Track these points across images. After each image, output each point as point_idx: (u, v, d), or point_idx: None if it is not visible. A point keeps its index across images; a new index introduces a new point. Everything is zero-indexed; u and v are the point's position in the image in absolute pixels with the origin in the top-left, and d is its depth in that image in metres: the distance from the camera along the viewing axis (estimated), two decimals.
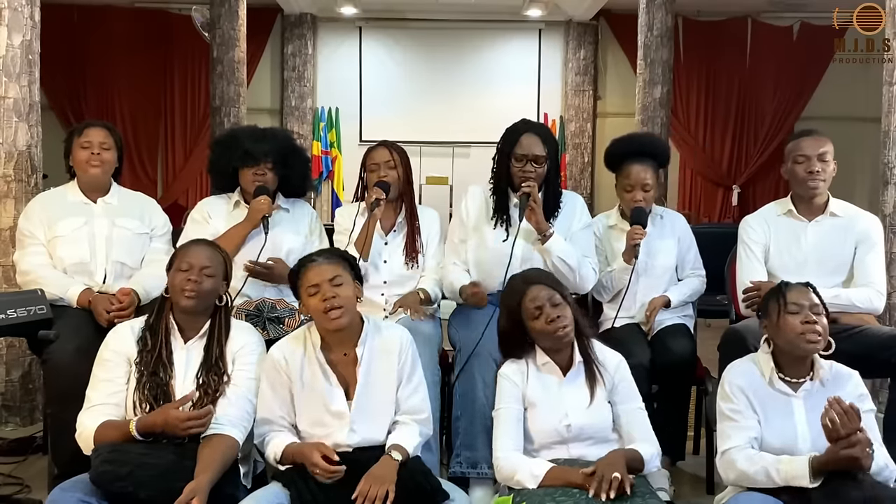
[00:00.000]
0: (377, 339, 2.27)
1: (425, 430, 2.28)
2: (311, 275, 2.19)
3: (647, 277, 2.99)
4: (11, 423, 3.60)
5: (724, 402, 2.21)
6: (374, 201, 2.86)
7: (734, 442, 2.13)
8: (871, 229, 2.84)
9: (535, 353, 2.33)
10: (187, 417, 2.06)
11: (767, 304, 2.25)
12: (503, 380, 2.32)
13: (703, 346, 3.02)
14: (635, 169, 3.01)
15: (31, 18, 3.56)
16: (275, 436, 2.20)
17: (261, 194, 2.92)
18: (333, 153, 9.44)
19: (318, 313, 2.17)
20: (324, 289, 2.16)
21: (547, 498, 2.03)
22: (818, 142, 2.81)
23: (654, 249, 3.01)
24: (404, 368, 2.27)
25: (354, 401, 2.21)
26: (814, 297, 2.20)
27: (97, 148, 2.91)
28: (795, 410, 2.17)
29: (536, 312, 2.27)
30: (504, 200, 2.90)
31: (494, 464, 2.23)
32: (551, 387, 2.29)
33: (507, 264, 2.76)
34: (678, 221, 3.15)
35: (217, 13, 7.35)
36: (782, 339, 2.18)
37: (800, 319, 2.15)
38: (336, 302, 2.15)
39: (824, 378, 2.20)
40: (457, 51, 9.47)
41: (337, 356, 2.24)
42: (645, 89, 7.19)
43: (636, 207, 2.98)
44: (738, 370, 2.25)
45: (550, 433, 2.24)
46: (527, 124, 2.92)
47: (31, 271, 2.82)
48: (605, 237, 3.11)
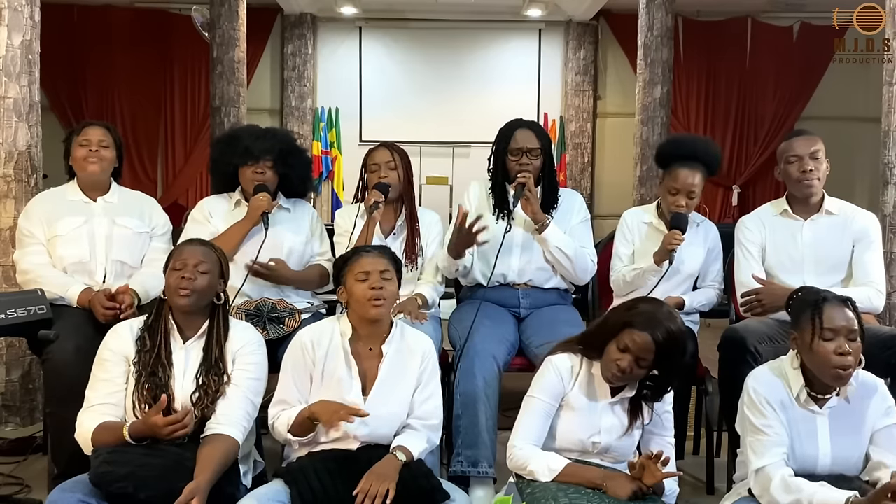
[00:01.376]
0: (404, 342, 2.32)
1: (433, 438, 2.30)
2: (365, 262, 2.25)
3: (668, 282, 2.95)
4: (11, 423, 3.60)
5: (753, 415, 2.11)
6: (373, 204, 2.86)
7: (769, 459, 2.04)
8: (869, 227, 2.83)
9: (595, 363, 2.22)
10: (165, 423, 2.05)
11: (800, 317, 2.12)
12: (551, 369, 2.23)
13: (703, 346, 3.02)
14: (683, 173, 2.95)
15: (31, 18, 3.56)
16: (287, 411, 2.22)
17: (260, 192, 2.92)
18: (333, 153, 9.44)
19: (361, 300, 2.22)
20: (374, 278, 2.22)
21: (560, 493, 2.02)
22: (809, 141, 2.80)
23: (683, 255, 2.94)
24: (424, 373, 2.30)
25: (370, 395, 2.23)
26: (852, 318, 2.07)
27: (95, 145, 2.91)
28: (819, 429, 2.10)
29: (623, 348, 2.11)
30: (503, 194, 2.96)
31: (509, 451, 2.21)
32: (595, 402, 2.21)
33: (497, 253, 2.85)
34: (711, 231, 3.11)
35: (217, 13, 7.35)
36: (812, 362, 2.08)
37: (833, 348, 2.03)
38: (383, 293, 2.21)
39: (850, 394, 2.12)
40: (457, 51, 9.47)
41: (363, 349, 2.28)
42: (645, 89, 7.18)
43: (677, 213, 2.93)
44: (765, 382, 2.14)
45: (576, 443, 2.20)
46: (520, 121, 3.02)
47: (31, 271, 2.82)
48: (638, 231, 3.07)
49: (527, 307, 2.97)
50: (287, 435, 2.21)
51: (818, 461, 2.09)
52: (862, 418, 2.12)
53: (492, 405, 2.63)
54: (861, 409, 2.11)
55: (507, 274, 2.95)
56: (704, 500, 2.83)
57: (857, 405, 2.11)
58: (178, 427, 2.06)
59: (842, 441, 2.10)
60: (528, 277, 2.97)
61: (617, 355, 2.12)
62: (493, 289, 2.97)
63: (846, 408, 2.11)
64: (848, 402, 2.12)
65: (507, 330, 2.86)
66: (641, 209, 3.18)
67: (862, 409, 2.12)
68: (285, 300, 2.87)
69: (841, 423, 2.10)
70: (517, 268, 2.94)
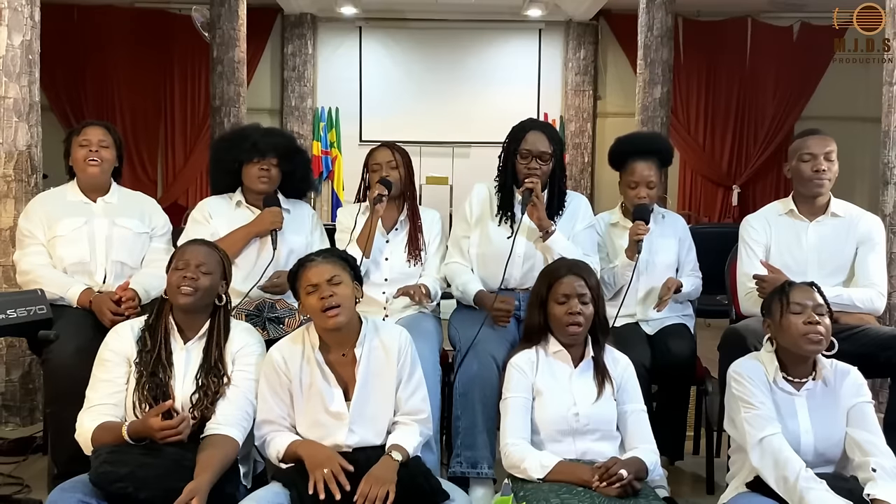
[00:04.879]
0: (376, 340, 2.27)
1: (425, 430, 2.28)
2: (310, 274, 2.19)
3: (649, 275, 3.00)
4: (11, 423, 3.60)
5: (742, 393, 2.18)
6: (377, 196, 2.86)
7: (770, 430, 2.10)
8: (873, 230, 2.84)
9: (549, 342, 2.37)
10: (160, 427, 2.04)
11: (770, 303, 2.25)
12: (512, 369, 2.34)
13: (703, 346, 3.02)
14: (640, 166, 3.02)
15: (31, 18, 3.56)
16: (276, 435, 2.20)
17: (271, 205, 2.92)
18: (333, 153, 9.44)
19: (315, 312, 2.17)
20: (322, 288, 2.16)
21: (552, 495, 2.03)
22: (824, 140, 2.81)
23: (655, 247, 3.01)
24: (404, 368, 2.26)
25: (353, 401, 2.20)
26: (817, 296, 2.20)
27: (95, 146, 2.91)
28: (798, 410, 2.17)
29: (562, 299, 2.32)
30: (509, 198, 2.91)
31: (502, 450, 2.24)
32: (561, 376, 2.33)
33: (507, 260, 2.79)
34: (679, 222, 3.17)
35: (217, 13, 7.35)
36: (784, 338, 2.18)
37: (802, 320, 2.15)
38: (333, 301, 2.15)
39: (827, 377, 2.21)
40: (457, 51, 9.47)
41: (336, 356, 2.24)
42: (645, 89, 7.19)
43: (639, 204, 2.98)
44: (746, 366, 2.24)
45: (559, 421, 2.26)
46: (533, 122, 2.96)
47: (31, 271, 2.82)
48: (607, 235, 3.12)
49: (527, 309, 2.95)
50: (279, 464, 2.19)
51: (801, 438, 2.14)
52: (837, 400, 2.20)
53: (491, 406, 2.61)
54: (835, 390, 2.20)
55: (509, 281, 2.91)
56: (704, 500, 2.83)
57: (833, 388, 2.21)
58: (173, 433, 2.06)
59: (821, 420, 2.16)
60: (529, 284, 2.93)
61: (561, 308, 2.31)
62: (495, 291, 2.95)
63: (823, 390, 2.21)
64: (825, 385, 2.21)
65: (507, 331, 2.85)
66: (606, 213, 3.23)
67: (836, 391, 2.21)
68: (285, 300, 2.86)
69: (818, 402, 2.19)
70: (518, 275, 2.90)
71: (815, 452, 2.14)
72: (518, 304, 2.94)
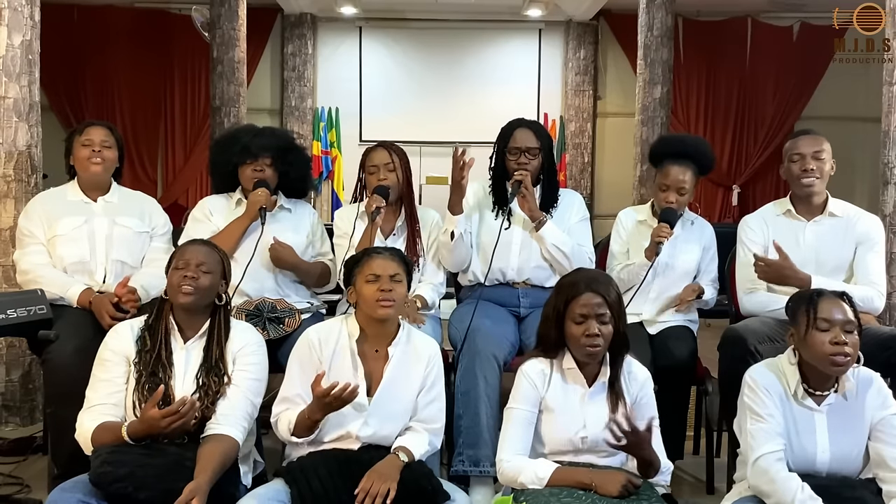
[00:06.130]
0: (410, 344, 2.34)
1: (434, 441, 2.31)
2: (374, 265, 2.26)
3: (664, 278, 2.98)
4: (11, 423, 3.60)
5: (753, 402, 2.12)
6: (375, 210, 2.84)
7: (769, 448, 2.05)
8: (872, 230, 2.84)
9: (564, 356, 2.25)
10: (162, 415, 2.03)
11: (797, 313, 2.13)
12: (523, 378, 2.24)
13: (703, 346, 3.02)
14: (674, 170, 2.99)
15: (31, 18, 3.56)
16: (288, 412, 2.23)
17: (259, 187, 2.92)
18: (333, 153, 9.43)
19: (369, 301, 2.23)
20: (383, 280, 2.23)
21: (552, 498, 2.01)
22: (814, 140, 2.82)
23: (677, 251, 2.99)
24: (429, 376, 2.31)
25: (376, 396, 2.24)
26: (848, 310, 2.08)
27: (98, 146, 2.92)
28: (818, 427, 2.10)
29: (580, 319, 2.16)
30: (502, 194, 2.97)
31: (497, 466, 2.22)
32: (573, 396, 2.22)
33: (493, 248, 2.86)
34: (706, 230, 3.12)
35: (217, 13, 7.34)
36: (808, 354, 2.09)
37: (829, 338, 2.04)
38: (391, 295, 2.22)
39: (848, 390, 2.12)
40: (457, 51, 9.46)
41: (369, 351, 2.29)
42: (645, 89, 7.18)
43: (668, 208, 2.97)
44: (764, 375, 2.15)
45: (564, 442, 2.20)
46: (521, 120, 3.05)
47: (31, 271, 2.82)
48: (632, 231, 3.09)
49: (527, 306, 2.97)
50: (290, 437, 2.21)
51: (817, 458, 2.09)
52: (860, 414, 2.12)
53: (493, 405, 2.63)
54: (859, 404, 2.11)
55: (506, 272, 2.96)
56: (704, 500, 2.83)
57: (854, 401, 2.12)
58: (177, 418, 2.04)
59: (841, 439, 2.10)
60: (527, 276, 2.97)
61: (579, 328, 2.16)
62: (492, 288, 2.97)
63: (844, 405, 2.12)
64: (846, 399, 2.12)
65: (508, 329, 2.86)
66: (635, 209, 3.22)
67: (860, 405, 2.12)
68: (285, 300, 2.86)
69: (839, 420, 2.10)
70: (516, 266, 2.95)
71: (829, 470, 2.09)
72: (518, 301, 2.96)
